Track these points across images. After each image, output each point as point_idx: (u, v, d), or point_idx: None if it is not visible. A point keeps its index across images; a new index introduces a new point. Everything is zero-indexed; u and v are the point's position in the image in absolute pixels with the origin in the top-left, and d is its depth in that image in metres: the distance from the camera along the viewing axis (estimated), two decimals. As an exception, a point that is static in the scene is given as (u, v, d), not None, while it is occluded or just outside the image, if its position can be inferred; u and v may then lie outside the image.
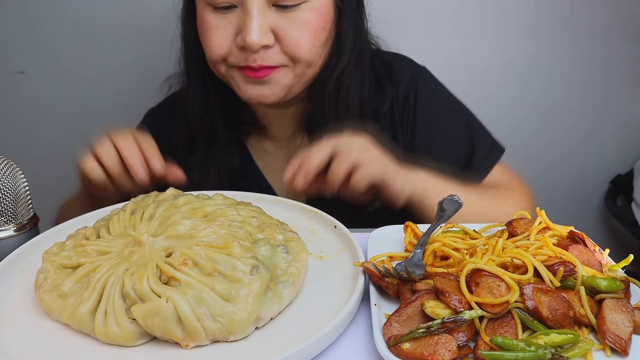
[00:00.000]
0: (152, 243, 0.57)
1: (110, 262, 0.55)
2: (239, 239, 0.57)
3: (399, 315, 0.51)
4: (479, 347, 0.47)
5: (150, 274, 0.52)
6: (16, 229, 0.65)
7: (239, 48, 0.77)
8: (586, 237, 0.61)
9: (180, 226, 0.58)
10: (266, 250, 0.58)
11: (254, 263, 0.54)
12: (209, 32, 0.79)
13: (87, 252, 0.58)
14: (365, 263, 0.58)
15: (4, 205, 0.64)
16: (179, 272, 0.52)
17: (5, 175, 0.64)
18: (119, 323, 0.50)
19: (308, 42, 0.78)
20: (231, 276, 0.52)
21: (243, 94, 0.83)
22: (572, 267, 0.54)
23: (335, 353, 0.51)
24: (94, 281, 0.53)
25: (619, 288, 0.52)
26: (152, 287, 0.51)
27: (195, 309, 0.49)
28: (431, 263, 0.60)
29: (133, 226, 0.61)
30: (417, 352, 0.47)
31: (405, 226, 0.67)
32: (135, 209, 0.65)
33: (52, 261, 0.57)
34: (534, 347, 0.46)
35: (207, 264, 0.53)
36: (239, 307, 0.50)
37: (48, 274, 0.56)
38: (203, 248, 0.54)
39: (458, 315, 0.48)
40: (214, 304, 0.50)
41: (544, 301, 0.50)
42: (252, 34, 0.73)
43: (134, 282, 0.51)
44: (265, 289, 0.53)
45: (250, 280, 0.52)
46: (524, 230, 0.63)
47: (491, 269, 0.53)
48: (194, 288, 0.50)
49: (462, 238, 0.63)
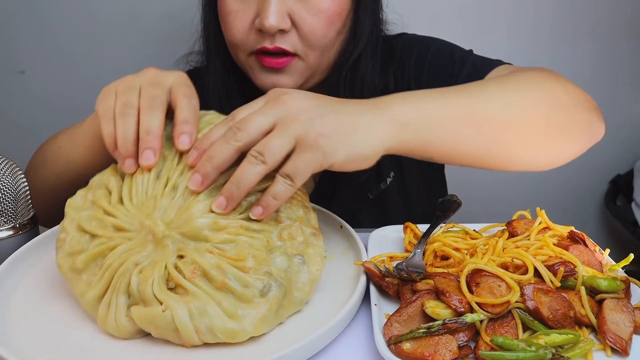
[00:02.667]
0: (166, 238, 0.53)
1: (124, 245, 0.54)
2: (255, 250, 0.53)
3: (399, 315, 0.51)
4: (480, 347, 0.47)
5: (157, 277, 0.51)
6: (16, 229, 0.65)
7: (257, 31, 0.78)
8: (586, 237, 0.61)
9: (198, 222, 0.54)
10: (282, 262, 0.55)
11: (266, 282, 0.52)
12: (230, 17, 0.79)
13: (104, 224, 0.56)
14: (365, 263, 0.58)
15: (4, 205, 0.64)
16: (187, 282, 0.51)
17: (5, 175, 0.64)
18: (117, 319, 0.51)
19: (324, 28, 0.78)
20: (241, 294, 0.51)
21: (259, 82, 0.83)
22: (573, 267, 0.54)
23: (336, 353, 0.51)
24: (106, 266, 0.54)
25: (620, 288, 0.52)
26: (156, 292, 0.50)
27: (196, 320, 0.49)
28: (431, 263, 0.60)
29: (154, 199, 0.56)
30: (418, 352, 0.47)
31: (405, 227, 0.67)
32: (161, 171, 0.58)
33: (73, 219, 0.58)
34: (535, 347, 0.46)
35: (218, 276, 0.51)
36: (242, 327, 0.50)
37: (67, 236, 0.57)
38: (215, 256, 0.52)
39: (460, 318, 0.48)
40: (217, 319, 0.49)
41: (544, 301, 0.50)
42: (270, 18, 0.74)
43: (139, 283, 0.51)
44: (277, 308, 0.52)
45: (260, 302, 0.51)
46: (524, 231, 0.63)
47: (491, 269, 0.53)
48: (200, 300, 0.50)
49: (463, 238, 0.63)
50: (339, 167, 0.54)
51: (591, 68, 1.55)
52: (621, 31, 1.53)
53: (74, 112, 1.47)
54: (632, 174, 1.62)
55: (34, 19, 1.44)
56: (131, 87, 0.59)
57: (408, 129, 0.57)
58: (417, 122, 0.57)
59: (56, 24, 1.44)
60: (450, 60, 0.86)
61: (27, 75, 1.49)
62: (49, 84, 1.50)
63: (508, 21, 1.50)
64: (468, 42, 1.24)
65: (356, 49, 0.84)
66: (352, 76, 0.85)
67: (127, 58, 1.46)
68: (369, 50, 0.85)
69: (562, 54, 1.53)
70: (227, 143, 0.53)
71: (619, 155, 1.65)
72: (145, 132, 0.57)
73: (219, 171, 0.54)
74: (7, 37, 1.45)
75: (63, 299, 0.58)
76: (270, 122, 0.53)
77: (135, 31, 1.43)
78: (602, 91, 1.56)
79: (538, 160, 0.66)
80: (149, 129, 0.57)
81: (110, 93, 0.60)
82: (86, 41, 1.45)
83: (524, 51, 1.52)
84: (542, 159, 0.66)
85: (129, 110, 0.58)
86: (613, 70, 1.57)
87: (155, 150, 0.57)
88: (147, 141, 0.57)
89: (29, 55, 1.47)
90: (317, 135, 0.52)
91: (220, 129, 0.56)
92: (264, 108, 0.54)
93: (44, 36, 1.45)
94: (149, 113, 0.57)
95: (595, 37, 1.53)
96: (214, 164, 0.53)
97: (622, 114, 1.61)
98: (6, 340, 0.50)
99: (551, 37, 1.52)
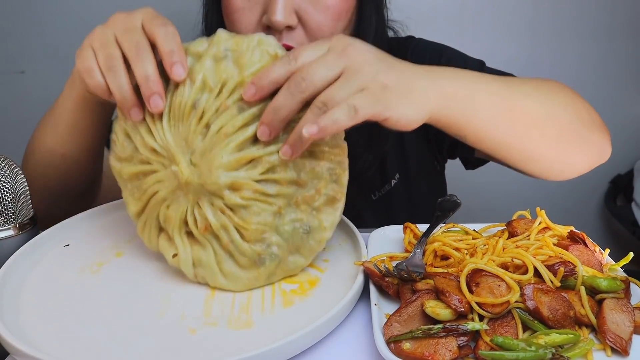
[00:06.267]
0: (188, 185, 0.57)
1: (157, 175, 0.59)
2: (262, 217, 0.56)
3: (399, 315, 0.51)
4: (480, 347, 0.47)
5: (177, 220, 0.59)
6: (16, 229, 0.65)
7: (264, 28, 0.78)
8: (586, 237, 0.61)
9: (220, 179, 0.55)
10: (286, 230, 0.58)
11: (262, 253, 0.57)
12: (236, 15, 0.78)
13: (144, 142, 0.58)
14: (365, 263, 0.58)
15: (4, 205, 0.64)
16: (199, 234, 0.58)
17: (5, 175, 0.64)
18: (150, 239, 0.62)
19: (331, 25, 0.78)
20: (237, 259, 0.58)
21: None
22: (573, 267, 0.54)
23: (336, 353, 0.51)
24: (142, 189, 0.60)
25: (619, 288, 0.52)
26: (174, 234, 0.59)
27: (197, 269, 0.59)
28: (431, 263, 0.60)
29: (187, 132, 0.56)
30: (418, 352, 0.47)
31: (405, 227, 0.68)
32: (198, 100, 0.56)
33: (120, 124, 0.61)
34: (535, 347, 0.46)
35: (223, 237, 0.57)
36: (233, 284, 0.58)
37: (117, 139, 0.61)
38: (225, 216, 0.57)
39: (461, 324, 0.48)
40: (213, 275, 0.58)
41: (544, 301, 0.50)
42: (277, 14, 0.73)
43: (165, 220, 0.60)
44: (268, 275, 0.58)
45: (252, 270, 0.58)
46: (524, 230, 0.63)
47: (491, 269, 0.53)
48: (206, 252, 0.58)
49: (463, 238, 0.63)
50: (392, 122, 0.55)
51: (591, 68, 1.55)
52: (621, 31, 1.53)
53: (74, 112, 1.47)
54: (632, 174, 1.62)
55: (33, 19, 1.44)
56: (107, 39, 0.58)
57: (454, 102, 0.58)
58: (464, 98, 0.59)
59: (56, 24, 1.44)
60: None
61: (27, 75, 1.49)
62: (49, 84, 1.49)
63: (508, 21, 1.50)
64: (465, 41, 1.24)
65: None
66: None
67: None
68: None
69: (562, 54, 1.53)
70: (291, 95, 0.53)
71: (619, 155, 1.65)
72: (144, 79, 0.56)
73: (285, 122, 0.54)
74: (7, 37, 1.45)
75: (63, 299, 0.58)
76: (336, 74, 0.53)
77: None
78: (603, 91, 1.57)
79: (552, 166, 0.70)
80: (146, 75, 0.56)
81: (86, 50, 0.58)
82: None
83: (525, 51, 1.52)
84: (556, 166, 0.70)
85: (115, 62, 0.57)
86: (613, 71, 1.57)
87: (160, 94, 0.56)
88: (149, 87, 0.55)
89: (29, 55, 1.47)
90: (381, 87, 0.53)
91: (280, 68, 0.54)
92: (328, 58, 0.54)
93: (44, 36, 1.45)
94: (140, 60, 0.56)
95: (596, 37, 1.53)
96: (280, 116, 0.54)
97: (622, 114, 1.61)
98: (20, 334, 0.51)
99: (551, 37, 1.52)
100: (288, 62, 0.55)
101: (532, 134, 0.65)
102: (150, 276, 0.62)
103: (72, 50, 0.61)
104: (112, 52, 0.57)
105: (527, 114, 0.64)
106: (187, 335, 0.52)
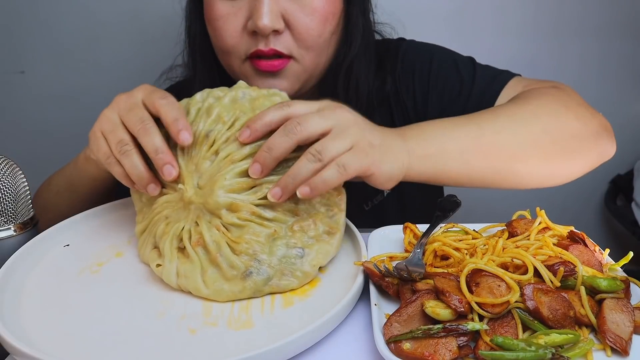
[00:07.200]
0: (191, 204, 0.60)
1: (167, 197, 0.63)
2: (256, 236, 0.58)
3: (399, 315, 0.51)
4: (480, 347, 0.47)
5: (172, 235, 0.61)
6: (16, 229, 0.65)
7: (249, 34, 0.77)
8: (586, 237, 0.61)
9: (220, 199, 0.58)
10: (279, 251, 0.59)
11: (249, 267, 0.57)
12: (220, 21, 0.78)
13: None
14: (365, 263, 0.58)
15: (4, 205, 0.64)
16: (190, 247, 0.59)
17: (5, 175, 0.64)
18: (143, 254, 0.64)
19: (319, 28, 0.77)
20: (225, 271, 0.57)
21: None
22: (573, 267, 0.54)
23: (335, 353, 0.51)
24: (152, 209, 0.64)
25: (619, 288, 0.52)
26: (166, 247, 0.60)
27: (180, 279, 0.58)
28: (431, 263, 0.60)
29: (198, 157, 0.61)
30: (418, 352, 0.47)
31: (404, 227, 0.68)
32: (211, 131, 0.61)
33: None
34: (535, 347, 0.46)
35: (213, 250, 0.58)
36: (215, 295, 0.57)
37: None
38: (219, 234, 0.59)
39: (461, 324, 0.48)
40: (197, 285, 0.57)
41: (544, 301, 0.50)
42: (264, 18, 0.73)
43: (160, 235, 0.62)
44: (253, 291, 0.57)
45: (237, 283, 0.57)
46: (524, 230, 0.63)
47: (491, 269, 0.53)
48: (192, 264, 0.58)
49: (463, 238, 0.63)
50: (375, 178, 0.60)
51: (592, 68, 1.55)
52: (622, 31, 1.53)
53: (74, 112, 1.48)
54: (632, 174, 1.62)
55: (34, 19, 1.44)
56: (114, 123, 0.62)
57: (424, 160, 0.63)
58: (434, 154, 0.63)
59: (56, 24, 1.44)
60: (456, 74, 0.86)
61: (27, 75, 1.49)
62: (49, 84, 1.49)
63: (509, 21, 1.50)
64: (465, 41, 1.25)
65: (350, 50, 0.83)
66: (347, 76, 0.85)
67: (127, 58, 1.46)
68: (362, 51, 0.85)
69: (561, 54, 1.53)
70: (286, 136, 0.57)
71: (619, 155, 1.64)
72: (154, 152, 0.60)
73: (278, 161, 0.58)
74: (7, 37, 1.45)
75: (63, 299, 0.58)
76: (328, 126, 0.57)
77: (136, 31, 1.43)
78: (603, 91, 1.57)
79: (546, 181, 0.71)
80: (155, 148, 0.60)
81: (98, 138, 0.63)
82: (86, 41, 1.45)
83: (526, 51, 1.52)
84: (550, 180, 0.72)
85: (126, 147, 0.61)
86: (614, 70, 1.57)
87: (172, 163, 0.60)
88: (161, 159, 0.60)
89: (29, 55, 1.47)
90: (368, 144, 0.58)
91: (274, 113, 0.59)
92: (321, 112, 0.59)
93: (44, 36, 1.45)
94: (147, 134, 0.60)
95: (595, 36, 1.53)
96: (273, 155, 0.57)
97: (623, 113, 1.60)
98: (20, 334, 0.51)
99: (552, 37, 1.52)
100: (281, 107, 0.59)
101: (513, 165, 0.67)
102: (150, 276, 0.62)
103: (72, 50, 0.62)
104: (121, 136, 0.61)
105: (502, 149, 0.66)
106: (187, 335, 0.52)
